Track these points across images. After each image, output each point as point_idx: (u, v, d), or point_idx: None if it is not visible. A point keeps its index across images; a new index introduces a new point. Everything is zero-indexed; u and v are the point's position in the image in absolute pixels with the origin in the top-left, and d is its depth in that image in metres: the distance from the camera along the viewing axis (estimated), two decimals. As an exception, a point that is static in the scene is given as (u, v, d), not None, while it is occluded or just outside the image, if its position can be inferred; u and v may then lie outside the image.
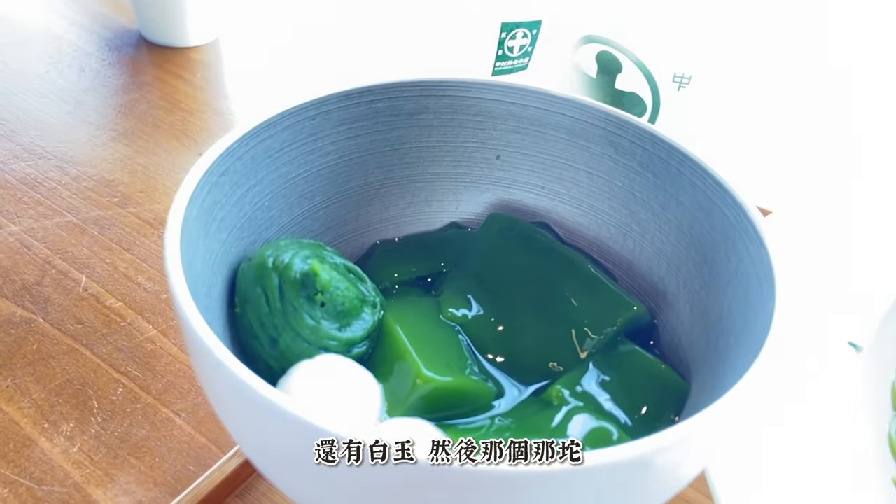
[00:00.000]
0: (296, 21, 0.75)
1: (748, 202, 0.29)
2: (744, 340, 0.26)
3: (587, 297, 0.33)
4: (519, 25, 0.46)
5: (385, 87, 0.35)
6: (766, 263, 0.27)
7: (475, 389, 0.31)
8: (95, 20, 0.72)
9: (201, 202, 0.28)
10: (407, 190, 0.38)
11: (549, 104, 0.35)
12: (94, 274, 0.47)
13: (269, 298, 0.30)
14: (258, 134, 0.31)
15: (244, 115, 0.64)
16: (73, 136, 0.59)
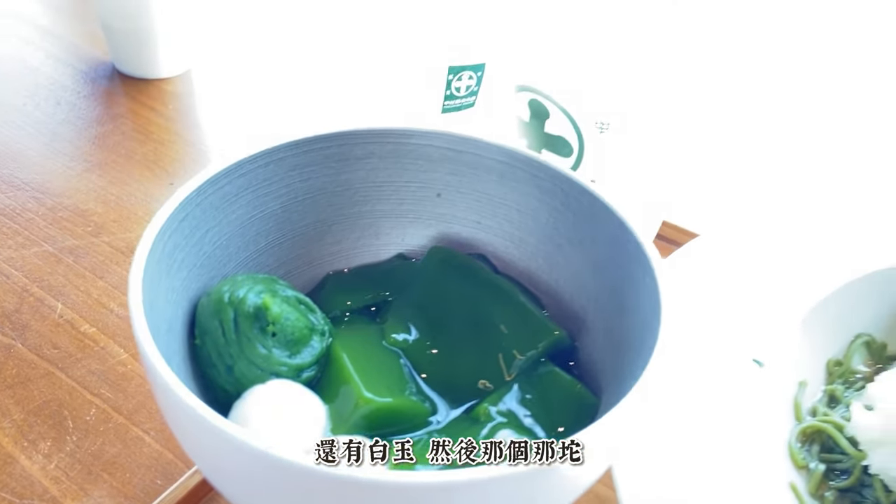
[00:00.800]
0: (264, 53, 0.78)
1: (645, 240, 0.33)
2: (640, 360, 0.30)
3: (514, 324, 0.37)
4: (465, 68, 0.50)
5: (333, 135, 0.38)
6: (657, 293, 0.31)
7: (412, 409, 0.34)
8: (71, 53, 0.76)
9: (162, 247, 0.32)
10: (356, 226, 0.41)
11: (481, 149, 0.39)
12: (69, 301, 0.50)
13: (225, 330, 0.33)
14: (215, 182, 0.35)
15: (214, 144, 0.67)
16: (49, 168, 0.62)
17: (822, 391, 0.43)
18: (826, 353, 0.45)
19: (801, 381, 0.43)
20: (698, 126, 0.45)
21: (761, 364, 0.41)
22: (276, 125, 0.67)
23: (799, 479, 0.39)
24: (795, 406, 0.42)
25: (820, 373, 0.44)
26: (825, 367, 0.45)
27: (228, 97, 0.71)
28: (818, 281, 0.45)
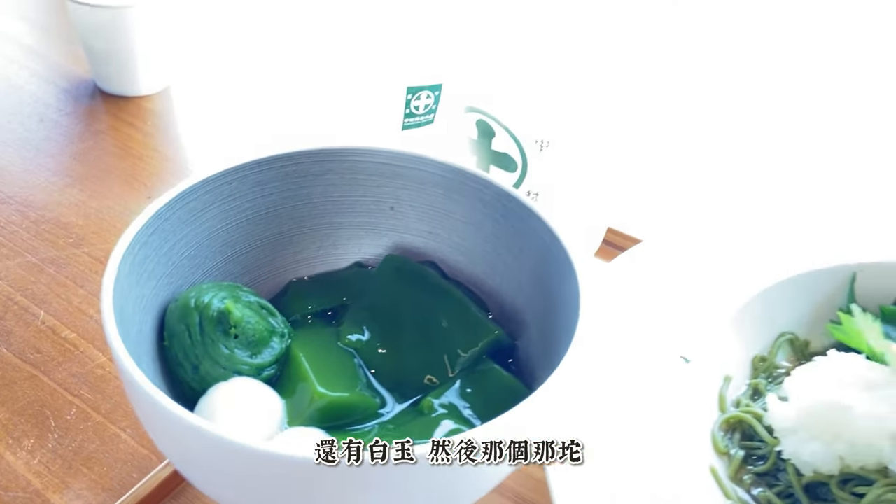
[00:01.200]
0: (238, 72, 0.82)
1: (571, 248, 0.37)
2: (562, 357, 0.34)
3: (458, 325, 0.41)
4: (422, 88, 0.54)
5: (292, 154, 0.42)
6: (578, 294, 0.35)
7: (362, 403, 0.38)
8: (54, 71, 0.79)
9: (133, 258, 0.35)
10: (316, 237, 0.45)
11: (429, 166, 0.43)
12: (51, 308, 0.54)
13: (191, 333, 0.37)
14: (183, 198, 0.38)
15: (191, 159, 0.71)
16: (32, 182, 0.65)
17: (747, 385, 0.47)
18: (752, 350, 0.49)
19: (726, 375, 0.47)
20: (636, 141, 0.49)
21: (688, 360, 0.45)
22: (248, 141, 0.71)
23: (720, 464, 0.43)
24: (720, 398, 0.46)
25: (746, 368, 0.48)
26: (751, 362, 0.48)
27: (204, 113, 0.75)
28: (746, 283, 0.49)
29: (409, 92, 0.53)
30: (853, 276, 0.50)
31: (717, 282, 0.49)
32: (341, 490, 0.28)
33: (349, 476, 0.27)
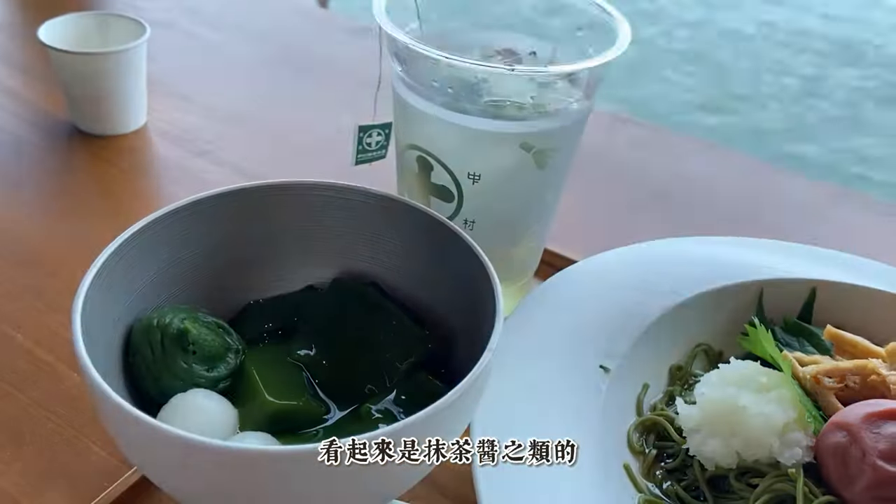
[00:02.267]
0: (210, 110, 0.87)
1: (491, 271, 0.42)
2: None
3: (395, 339, 0.45)
4: (373, 127, 0.59)
5: (247, 189, 0.47)
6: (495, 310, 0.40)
7: (307, 410, 0.43)
8: (35, 112, 0.83)
9: (101, 283, 0.40)
10: (270, 263, 0.50)
11: (371, 198, 0.48)
12: (28, 331, 0.58)
13: (153, 349, 0.41)
14: (147, 228, 0.43)
15: (163, 193, 0.75)
16: (12, 216, 0.70)
17: (664, 392, 0.52)
18: (670, 360, 0.54)
19: (644, 383, 0.52)
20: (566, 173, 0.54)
21: (608, 370, 0.50)
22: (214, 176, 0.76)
23: (635, 462, 0.47)
24: (638, 403, 0.51)
25: (664, 376, 0.53)
26: (668, 371, 0.53)
27: (174, 150, 0.80)
28: (664, 298, 0.54)
29: (360, 131, 0.58)
30: (761, 291, 0.56)
31: (639, 297, 0.54)
32: (286, 482, 0.33)
33: (297, 469, 0.32)
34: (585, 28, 0.54)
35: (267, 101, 0.90)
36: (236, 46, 1.00)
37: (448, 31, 0.57)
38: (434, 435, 0.35)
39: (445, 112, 0.50)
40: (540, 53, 0.55)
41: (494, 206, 0.52)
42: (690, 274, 0.56)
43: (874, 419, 0.43)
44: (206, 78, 0.93)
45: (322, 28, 1.08)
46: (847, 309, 0.55)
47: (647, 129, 0.89)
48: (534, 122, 0.50)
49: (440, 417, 0.35)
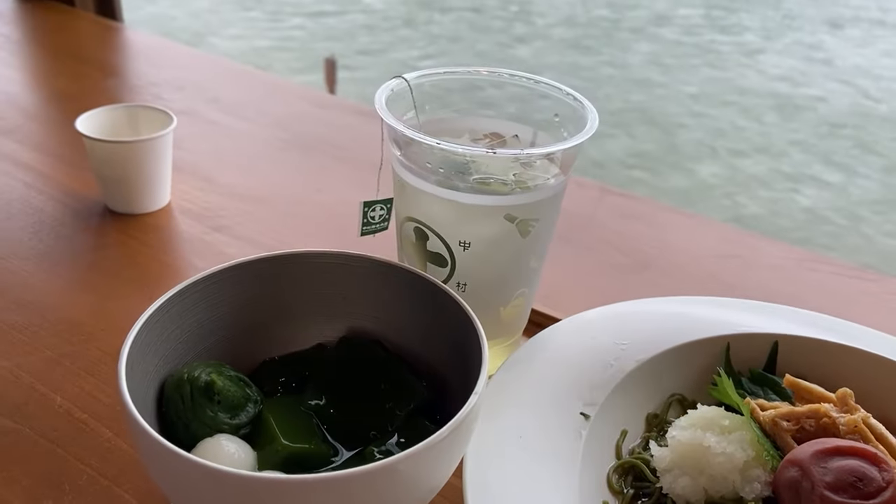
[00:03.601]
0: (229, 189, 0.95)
1: (479, 326, 0.48)
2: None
3: (395, 389, 0.51)
4: (376, 203, 0.66)
5: (263, 259, 0.54)
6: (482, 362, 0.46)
7: (318, 452, 0.48)
8: (68, 195, 0.91)
9: (140, 343, 0.46)
10: (285, 324, 0.56)
11: (374, 265, 0.54)
12: (66, 394, 0.64)
13: (184, 400, 0.47)
14: (178, 296, 0.50)
15: (188, 265, 0.82)
16: (50, 289, 0.77)
17: (641, 438, 0.57)
18: (646, 409, 0.59)
19: (623, 430, 0.57)
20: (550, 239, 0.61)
21: (588, 417, 0.55)
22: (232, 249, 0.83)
23: (614, 501, 0.52)
24: (617, 448, 0.56)
25: (641, 424, 0.58)
26: (645, 419, 0.59)
27: (197, 226, 0.87)
28: (640, 352, 0.60)
29: (364, 206, 0.65)
30: (727, 345, 0.61)
31: (616, 351, 0.60)
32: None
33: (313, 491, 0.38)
34: (561, 115, 0.62)
35: (280, 180, 0.97)
36: (253, 131, 1.08)
37: (441, 119, 0.64)
38: (428, 467, 0.41)
39: (438, 189, 0.56)
40: (522, 136, 0.63)
41: (484, 271, 0.59)
42: (663, 330, 0.62)
43: (822, 455, 0.48)
44: (225, 160, 1.01)
45: (330, 114, 1.17)
46: (806, 359, 0.61)
47: (632, 200, 0.96)
48: (516, 196, 0.57)
49: (433, 452, 0.41)
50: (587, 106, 0.60)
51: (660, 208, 0.95)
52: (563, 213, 0.63)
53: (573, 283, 0.79)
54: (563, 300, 0.73)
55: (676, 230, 0.90)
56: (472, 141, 0.62)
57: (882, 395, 0.57)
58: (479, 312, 0.51)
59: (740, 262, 0.85)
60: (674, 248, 0.86)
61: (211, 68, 1.31)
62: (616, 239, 0.87)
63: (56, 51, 1.31)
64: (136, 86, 1.19)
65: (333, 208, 0.90)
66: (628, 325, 0.63)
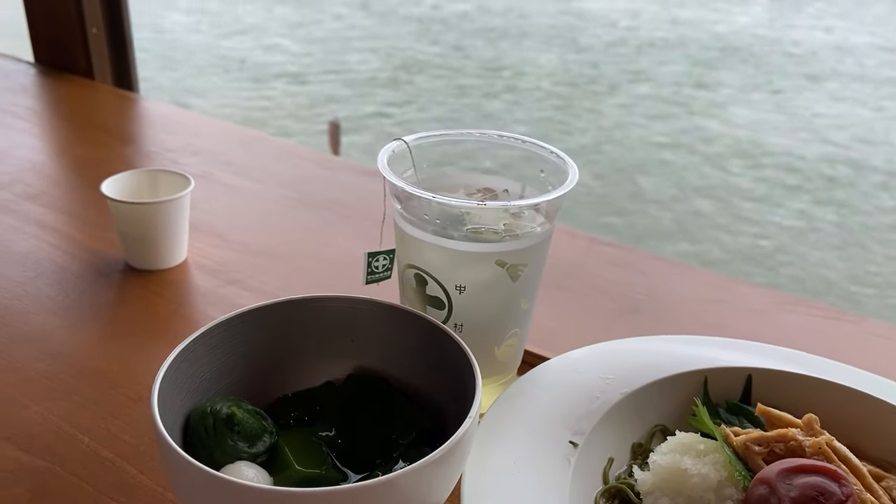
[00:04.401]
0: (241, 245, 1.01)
1: (474, 362, 0.53)
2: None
3: (398, 420, 0.56)
4: (379, 253, 0.72)
5: (277, 304, 0.59)
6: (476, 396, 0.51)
7: (329, 477, 0.53)
8: (92, 254, 0.98)
9: (168, 381, 0.51)
10: (298, 363, 0.61)
11: (378, 307, 0.60)
12: (94, 435, 0.69)
13: (207, 431, 0.52)
14: (200, 339, 0.55)
15: (200, 316, 0.88)
16: (76, 340, 0.82)
17: (626, 465, 0.62)
18: (631, 438, 0.64)
19: (609, 457, 0.61)
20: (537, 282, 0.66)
21: (576, 445, 0.60)
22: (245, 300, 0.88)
23: (601, 521, 0.57)
24: (604, 474, 0.60)
25: (627, 452, 0.63)
26: (630, 448, 0.63)
27: (212, 280, 0.93)
28: (624, 385, 0.65)
29: (368, 256, 0.71)
30: (705, 378, 0.66)
31: (602, 385, 0.65)
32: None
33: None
34: (546, 170, 0.68)
35: (290, 236, 1.04)
36: (263, 192, 1.15)
37: (438, 175, 0.71)
38: (426, 483, 0.46)
39: (436, 238, 0.62)
40: (512, 190, 0.69)
41: (478, 312, 0.64)
42: (646, 365, 0.67)
43: (787, 473, 0.52)
44: (238, 219, 1.08)
45: (336, 174, 1.24)
46: (778, 391, 0.65)
47: (620, 249, 1.02)
48: (506, 243, 0.63)
49: (431, 469, 0.46)
50: (568, 161, 0.66)
51: (647, 257, 1.01)
52: (556, 261, 0.69)
53: (566, 327, 0.84)
54: (556, 342, 0.78)
55: (663, 277, 0.95)
56: (467, 195, 0.68)
57: (848, 423, 0.62)
58: (476, 351, 0.57)
59: (725, 306, 0.91)
60: (661, 293, 0.92)
61: (223, 134, 1.39)
62: (606, 285, 0.93)
63: (77, 121, 1.39)
64: (153, 152, 1.27)
65: (340, 261, 0.96)
66: (614, 361, 0.68)
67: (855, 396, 0.64)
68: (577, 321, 0.86)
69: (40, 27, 1.50)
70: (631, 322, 0.86)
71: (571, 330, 0.84)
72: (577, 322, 0.86)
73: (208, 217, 1.06)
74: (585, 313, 0.87)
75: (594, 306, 0.89)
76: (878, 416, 0.63)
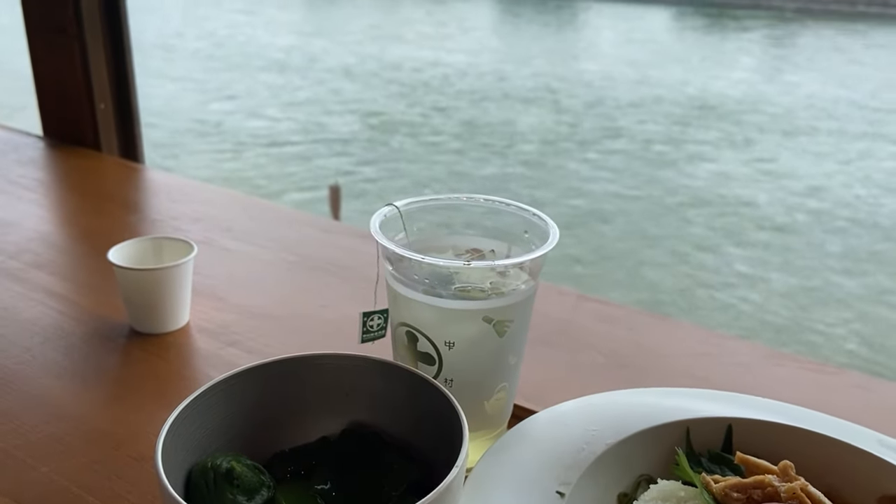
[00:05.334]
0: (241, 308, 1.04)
1: (461, 415, 0.56)
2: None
3: (391, 472, 0.59)
4: (374, 313, 0.75)
5: (273, 362, 0.62)
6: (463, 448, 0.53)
7: (324, 528, 0.55)
8: (97, 319, 1.01)
9: (171, 439, 0.54)
10: (294, 419, 0.64)
11: (372, 364, 0.63)
12: (98, 494, 0.71)
13: (207, 485, 0.55)
14: (201, 396, 0.58)
15: (201, 377, 0.91)
16: (82, 402, 0.85)
17: (613, 513, 0.64)
18: (617, 489, 0.66)
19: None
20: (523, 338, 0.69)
21: (563, 495, 0.62)
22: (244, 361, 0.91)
23: (589, 567, 0.58)
24: (591, 520, 0.62)
25: (613, 502, 0.65)
26: (616, 498, 0.65)
27: (212, 343, 0.96)
28: (609, 436, 0.68)
29: (363, 316, 0.75)
30: (687, 429, 0.69)
31: (588, 437, 0.68)
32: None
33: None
34: (529, 231, 0.72)
35: (288, 298, 1.07)
36: (262, 255, 1.19)
37: (428, 237, 0.75)
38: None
39: (426, 297, 0.66)
40: (498, 250, 0.73)
41: (467, 367, 0.67)
42: (631, 416, 0.70)
43: (764, 515, 0.55)
44: (238, 282, 1.11)
45: (332, 237, 1.28)
46: (758, 439, 0.68)
47: (607, 305, 1.05)
48: (493, 300, 0.66)
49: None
50: (549, 222, 0.70)
51: (634, 312, 1.04)
52: (546, 318, 0.73)
53: (555, 381, 0.87)
54: (546, 396, 0.81)
55: (649, 331, 0.98)
56: (456, 255, 0.72)
57: (824, 468, 0.64)
58: (466, 405, 0.59)
59: (710, 359, 0.94)
60: (648, 348, 0.95)
61: (224, 201, 1.44)
62: (594, 341, 0.96)
63: (84, 191, 1.45)
64: (157, 220, 1.31)
65: (336, 321, 0.99)
66: (600, 413, 0.71)
67: (829, 443, 0.66)
68: (566, 375, 0.89)
69: (50, 103, 1.57)
70: (618, 376, 0.88)
71: (561, 384, 0.87)
72: (567, 376, 0.89)
73: (210, 281, 1.10)
74: (574, 368, 0.90)
75: (583, 361, 0.92)
76: (852, 462, 0.65)
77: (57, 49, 1.47)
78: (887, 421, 0.75)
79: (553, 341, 0.94)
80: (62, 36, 1.44)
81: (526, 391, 0.78)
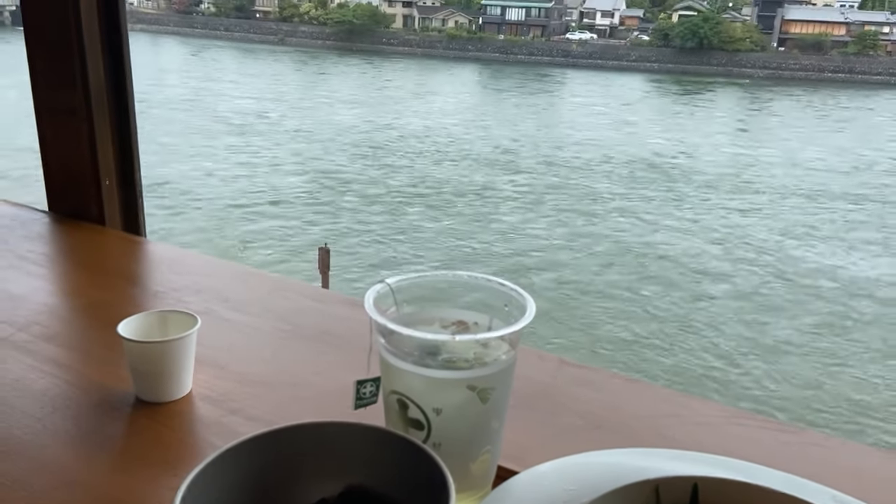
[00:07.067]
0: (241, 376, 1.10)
1: (448, 475, 0.62)
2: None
3: (384, 530, 0.64)
4: (367, 381, 0.82)
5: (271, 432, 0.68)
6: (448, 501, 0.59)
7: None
8: (103, 389, 1.06)
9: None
10: (293, 483, 0.70)
11: (365, 430, 0.69)
12: (109, 557, 0.76)
13: (218, 544, 0.61)
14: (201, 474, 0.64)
15: (204, 445, 0.96)
16: (91, 469, 0.90)
17: (589, 566, 0.69)
18: (594, 543, 0.71)
19: (573, 559, 0.69)
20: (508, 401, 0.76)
21: (543, 548, 0.68)
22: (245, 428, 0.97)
23: None
24: (568, 574, 0.68)
25: (590, 555, 0.71)
26: (593, 551, 0.71)
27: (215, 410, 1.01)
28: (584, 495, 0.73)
29: (357, 384, 0.81)
30: (656, 487, 0.75)
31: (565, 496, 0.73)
32: None
33: None
34: (509, 304, 0.79)
35: (285, 366, 1.13)
36: (260, 325, 1.26)
37: (417, 311, 0.82)
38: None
39: (415, 367, 0.73)
40: (480, 322, 0.80)
41: (454, 432, 0.74)
42: (604, 476, 0.76)
43: (722, 564, 0.61)
44: (236, 352, 1.17)
45: (326, 307, 1.35)
46: (722, 497, 0.74)
47: (585, 370, 1.12)
48: (476, 370, 0.73)
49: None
50: (526, 297, 0.78)
51: (609, 375, 1.11)
52: (528, 383, 0.79)
53: (536, 444, 0.93)
54: (528, 458, 0.87)
55: (623, 394, 1.05)
56: (442, 327, 0.79)
57: (782, 521, 0.70)
58: (453, 467, 0.66)
59: (677, 420, 1.00)
60: (621, 409, 1.01)
61: (223, 273, 1.51)
62: (572, 404, 1.02)
63: (89, 265, 1.51)
64: (159, 292, 1.38)
65: (330, 388, 1.05)
66: (575, 473, 0.77)
67: (787, 500, 0.72)
68: (546, 438, 0.95)
69: (57, 180, 1.64)
70: (594, 437, 0.95)
71: (541, 446, 0.92)
72: (547, 438, 0.95)
73: (210, 350, 1.16)
74: (554, 430, 0.96)
75: (562, 423, 0.98)
76: (807, 515, 0.71)
77: (66, 130, 1.56)
78: (842, 478, 0.81)
79: (535, 405, 1.00)
80: (72, 118, 1.53)
81: (509, 452, 0.84)
